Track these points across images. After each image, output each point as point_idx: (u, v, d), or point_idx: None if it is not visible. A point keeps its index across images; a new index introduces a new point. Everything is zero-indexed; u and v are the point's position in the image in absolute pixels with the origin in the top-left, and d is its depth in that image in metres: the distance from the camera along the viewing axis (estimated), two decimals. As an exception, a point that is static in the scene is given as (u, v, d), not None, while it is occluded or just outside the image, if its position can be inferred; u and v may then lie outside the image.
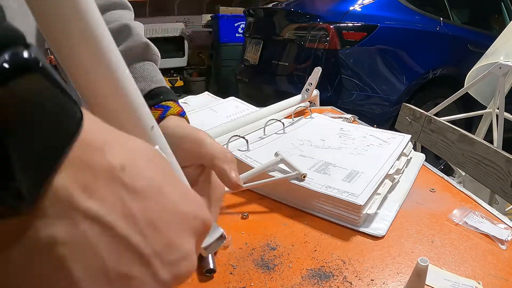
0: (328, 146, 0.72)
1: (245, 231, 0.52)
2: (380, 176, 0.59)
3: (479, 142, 0.85)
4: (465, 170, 0.92)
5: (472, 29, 2.54)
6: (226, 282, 0.42)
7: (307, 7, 2.45)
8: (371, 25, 2.15)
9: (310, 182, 0.57)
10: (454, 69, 2.35)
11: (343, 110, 1.13)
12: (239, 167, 0.65)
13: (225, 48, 4.13)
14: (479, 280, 0.43)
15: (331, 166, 0.63)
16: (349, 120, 0.95)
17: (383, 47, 2.20)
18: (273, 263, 0.46)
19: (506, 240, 0.51)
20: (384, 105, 2.25)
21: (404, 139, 0.74)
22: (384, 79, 2.23)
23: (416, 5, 2.32)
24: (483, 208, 0.60)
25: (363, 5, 2.23)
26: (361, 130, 0.81)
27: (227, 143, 0.72)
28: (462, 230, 0.54)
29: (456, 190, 0.66)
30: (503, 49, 1.42)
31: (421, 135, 1.13)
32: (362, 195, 0.53)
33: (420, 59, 2.30)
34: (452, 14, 2.49)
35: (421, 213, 0.58)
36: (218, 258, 0.46)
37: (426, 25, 2.32)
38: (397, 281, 0.43)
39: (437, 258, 0.47)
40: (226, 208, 0.58)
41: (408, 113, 1.21)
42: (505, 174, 0.77)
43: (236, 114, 0.96)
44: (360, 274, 0.44)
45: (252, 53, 2.74)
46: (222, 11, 4.36)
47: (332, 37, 2.14)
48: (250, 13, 2.91)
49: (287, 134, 0.79)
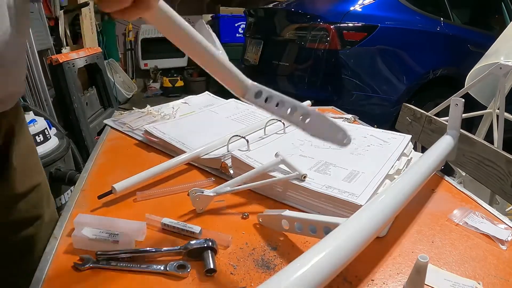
0: (328, 146, 0.72)
1: (245, 231, 0.52)
2: (381, 176, 0.59)
3: (479, 142, 0.85)
4: (466, 171, 0.92)
5: (472, 29, 2.53)
6: (227, 282, 0.42)
7: (307, 7, 2.44)
8: (371, 25, 2.15)
9: (311, 182, 0.57)
10: (455, 69, 2.34)
11: (344, 110, 1.13)
12: (240, 167, 0.65)
13: (225, 48, 4.11)
14: (479, 280, 0.43)
15: (331, 166, 0.63)
16: (350, 120, 0.95)
17: (383, 47, 2.19)
18: (274, 263, 0.46)
19: (506, 240, 0.51)
20: (384, 105, 2.24)
21: (405, 139, 0.74)
22: (384, 79, 2.23)
23: (416, 5, 2.32)
24: (483, 209, 0.60)
25: (364, 5, 2.23)
26: (362, 130, 0.81)
27: (227, 143, 0.72)
28: (462, 230, 0.54)
29: (457, 190, 0.66)
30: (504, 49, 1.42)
31: (421, 135, 1.13)
32: (363, 195, 0.53)
33: (421, 59, 2.30)
34: (452, 14, 2.49)
35: (421, 213, 0.58)
36: (219, 258, 0.46)
37: (426, 25, 2.32)
38: (397, 281, 0.43)
39: (437, 258, 0.47)
40: (226, 208, 0.58)
41: (409, 113, 1.20)
42: (506, 175, 0.77)
43: (236, 115, 0.96)
44: (360, 274, 0.44)
45: (253, 53, 2.73)
46: (222, 11, 4.36)
47: (333, 37, 2.14)
48: (250, 13, 2.90)
49: (287, 134, 0.79)
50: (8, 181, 0.54)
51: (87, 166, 0.72)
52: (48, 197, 0.63)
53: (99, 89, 2.73)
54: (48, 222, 0.61)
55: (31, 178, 0.58)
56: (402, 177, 0.53)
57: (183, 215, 0.56)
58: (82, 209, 0.56)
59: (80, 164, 1.83)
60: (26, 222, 0.58)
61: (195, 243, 0.46)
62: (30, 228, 0.58)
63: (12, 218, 0.55)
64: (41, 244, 0.57)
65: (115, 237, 0.46)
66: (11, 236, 0.56)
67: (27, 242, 0.58)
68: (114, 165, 0.72)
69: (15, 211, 0.56)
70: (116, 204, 0.58)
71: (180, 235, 0.51)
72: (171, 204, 0.59)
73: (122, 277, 0.43)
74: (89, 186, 0.64)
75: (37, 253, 0.57)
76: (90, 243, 0.47)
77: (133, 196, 0.60)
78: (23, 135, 0.57)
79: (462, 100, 0.68)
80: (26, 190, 0.57)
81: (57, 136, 1.58)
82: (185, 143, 0.76)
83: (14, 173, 0.54)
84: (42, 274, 0.43)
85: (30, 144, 0.60)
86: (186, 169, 0.71)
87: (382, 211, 0.44)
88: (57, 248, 0.47)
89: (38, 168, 0.62)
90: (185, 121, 0.90)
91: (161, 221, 0.52)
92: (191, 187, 0.57)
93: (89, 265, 0.44)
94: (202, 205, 0.56)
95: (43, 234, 0.58)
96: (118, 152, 0.79)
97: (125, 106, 4.03)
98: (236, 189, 0.58)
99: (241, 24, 4.04)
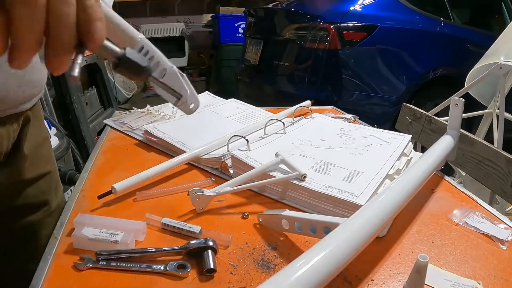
0: (328, 146, 0.72)
1: (246, 231, 0.52)
2: (381, 176, 0.59)
3: (479, 142, 0.85)
4: (466, 170, 0.92)
5: (472, 29, 2.53)
6: (227, 282, 0.42)
7: (307, 7, 2.44)
8: (371, 25, 2.15)
9: (311, 182, 0.57)
10: (455, 69, 2.34)
11: (344, 110, 1.12)
12: (240, 167, 0.65)
13: (225, 48, 4.12)
14: (480, 280, 0.43)
15: (331, 166, 0.63)
16: (350, 120, 0.95)
17: (383, 47, 2.19)
18: (274, 263, 0.46)
19: (506, 240, 0.51)
20: (384, 105, 2.24)
21: (405, 139, 0.74)
22: (384, 79, 2.23)
23: (416, 5, 2.32)
24: (483, 208, 0.60)
25: (364, 5, 2.23)
26: (362, 130, 0.81)
27: (227, 143, 0.72)
28: (462, 230, 0.54)
29: (457, 190, 0.66)
30: (504, 49, 1.42)
31: (421, 135, 1.13)
32: (363, 195, 0.53)
33: (421, 59, 2.30)
34: (452, 14, 2.49)
35: (421, 213, 0.58)
36: (219, 258, 0.46)
37: (426, 25, 2.32)
38: (397, 281, 0.43)
39: (437, 258, 0.47)
40: (226, 208, 0.58)
41: (409, 113, 1.20)
42: (506, 174, 0.77)
43: (236, 115, 0.96)
44: (360, 274, 0.44)
45: (253, 53, 2.73)
46: (222, 11, 4.36)
47: (333, 37, 2.14)
48: (250, 13, 2.90)
49: (287, 134, 0.79)
50: (18, 167, 0.55)
51: (87, 166, 0.72)
52: (56, 186, 0.65)
53: (99, 89, 2.73)
54: (55, 209, 0.62)
55: (42, 167, 0.60)
56: (402, 177, 0.53)
57: (183, 215, 0.56)
58: (82, 209, 0.56)
59: (80, 164, 1.83)
60: (34, 207, 0.59)
61: (195, 243, 0.46)
62: (37, 213, 0.59)
63: (19, 202, 0.57)
64: (47, 230, 0.58)
65: (115, 237, 0.46)
66: (18, 220, 0.58)
67: (33, 228, 0.59)
68: (114, 165, 0.72)
69: (23, 196, 0.57)
70: (116, 204, 0.58)
71: (180, 235, 0.51)
72: (171, 204, 0.59)
73: (122, 277, 0.43)
74: (89, 186, 0.64)
75: (42, 238, 0.58)
76: (90, 243, 0.47)
77: (133, 196, 0.60)
78: (38, 125, 0.59)
79: (462, 100, 0.68)
80: (36, 177, 0.58)
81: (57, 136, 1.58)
82: (185, 143, 0.76)
83: (25, 161, 0.56)
84: (42, 274, 0.43)
85: (44, 134, 0.62)
86: (186, 169, 0.71)
87: (382, 211, 0.44)
88: (57, 248, 0.47)
89: (50, 158, 0.64)
90: (185, 121, 0.89)
91: (161, 221, 0.52)
92: (191, 187, 0.57)
93: (89, 265, 0.44)
94: (202, 205, 0.56)
95: (49, 221, 0.60)
96: (118, 152, 0.79)
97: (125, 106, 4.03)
98: (236, 189, 0.58)
99: (241, 24, 4.04)
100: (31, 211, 0.59)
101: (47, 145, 0.64)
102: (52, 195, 0.63)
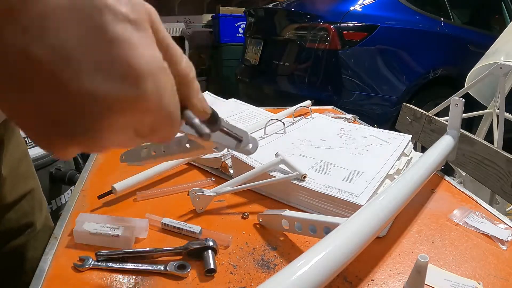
0: (328, 146, 0.72)
1: (246, 231, 0.52)
2: (381, 176, 0.59)
3: (479, 142, 0.85)
4: (466, 170, 0.92)
5: (472, 29, 2.53)
6: (227, 282, 0.42)
7: (307, 7, 2.44)
8: (371, 25, 2.15)
9: (311, 182, 0.57)
10: (455, 69, 2.35)
11: (344, 110, 1.13)
12: (240, 167, 0.65)
13: (225, 48, 4.12)
14: (480, 280, 0.43)
15: (331, 166, 0.63)
16: (350, 120, 0.95)
17: (383, 47, 2.19)
18: (274, 263, 0.46)
19: (506, 240, 0.51)
20: (384, 105, 2.25)
21: (405, 139, 0.74)
22: (384, 79, 2.23)
23: (416, 5, 2.32)
24: (483, 208, 0.60)
25: (364, 5, 2.23)
26: (362, 130, 0.81)
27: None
28: (462, 230, 0.54)
29: (457, 190, 0.66)
30: (504, 49, 1.42)
31: (421, 135, 1.13)
32: (363, 195, 0.53)
33: (421, 59, 2.30)
34: (452, 14, 2.49)
35: (421, 213, 0.58)
36: (219, 258, 0.46)
37: (426, 25, 2.32)
38: (397, 281, 0.43)
39: (437, 258, 0.48)
40: (226, 208, 0.58)
41: (409, 113, 1.20)
42: (506, 174, 0.77)
43: (236, 115, 0.96)
44: (360, 274, 0.44)
45: (253, 53, 2.74)
46: (223, 11, 4.36)
47: (333, 37, 2.14)
48: (250, 13, 2.90)
49: (287, 134, 0.79)
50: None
51: (87, 166, 0.72)
52: (40, 203, 0.61)
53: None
54: (41, 229, 0.59)
55: (23, 185, 0.56)
56: (402, 177, 0.53)
57: (183, 215, 0.56)
58: (82, 209, 0.56)
59: (80, 164, 1.83)
60: (17, 231, 0.55)
61: (195, 243, 0.46)
62: (20, 237, 0.55)
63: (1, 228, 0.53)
64: (34, 253, 0.55)
65: (116, 231, 0.46)
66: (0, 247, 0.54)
67: (19, 252, 0.55)
68: (114, 165, 0.72)
69: (4, 221, 0.53)
70: (116, 204, 0.58)
71: (180, 235, 0.51)
72: (171, 204, 0.59)
73: (122, 277, 0.43)
74: (89, 186, 0.64)
75: (29, 262, 0.55)
76: (91, 237, 0.47)
77: (133, 196, 0.60)
78: (14, 143, 0.54)
79: (462, 100, 0.68)
80: (17, 199, 0.54)
81: (57, 136, 1.58)
82: (185, 143, 0.76)
83: (4, 183, 0.52)
84: (42, 274, 0.43)
85: (22, 150, 0.57)
86: (186, 169, 0.71)
87: (382, 211, 0.44)
88: (57, 248, 0.47)
89: (30, 173, 0.59)
90: (185, 121, 0.89)
91: (161, 221, 0.52)
92: (191, 187, 0.57)
93: (89, 265, 0.44)
94: (202, 205, 0.56)
95: (35, 243, 0.56)
96: (118, 152, 0.79)
97: (125, 106, 4.02)
98: (236, 189, 0.58)
99: (241, 24, 4.04)
100: (14, 236, 0.55)
101: (26, 161, 0.58)
102: (36, 215, 0.58)
